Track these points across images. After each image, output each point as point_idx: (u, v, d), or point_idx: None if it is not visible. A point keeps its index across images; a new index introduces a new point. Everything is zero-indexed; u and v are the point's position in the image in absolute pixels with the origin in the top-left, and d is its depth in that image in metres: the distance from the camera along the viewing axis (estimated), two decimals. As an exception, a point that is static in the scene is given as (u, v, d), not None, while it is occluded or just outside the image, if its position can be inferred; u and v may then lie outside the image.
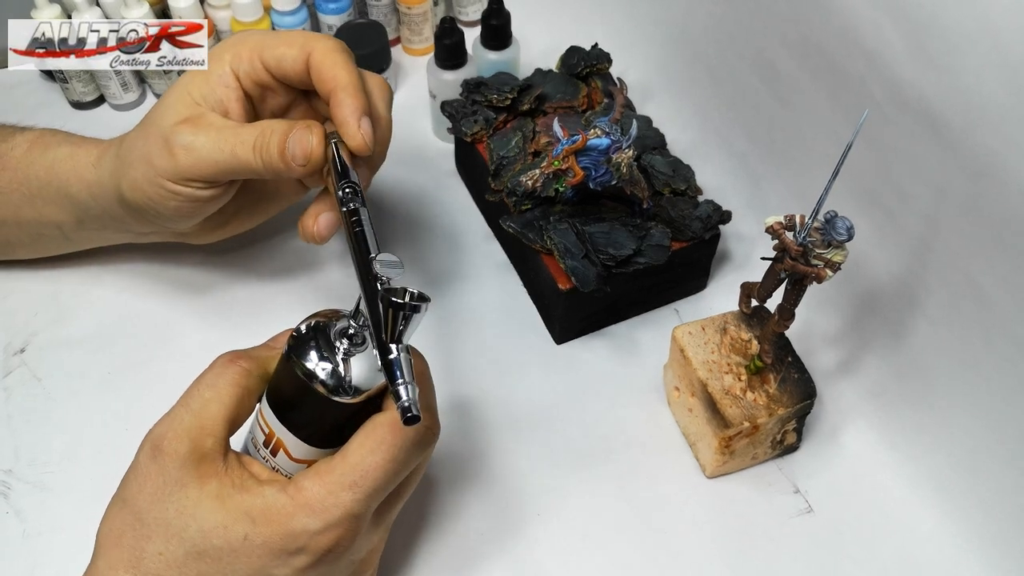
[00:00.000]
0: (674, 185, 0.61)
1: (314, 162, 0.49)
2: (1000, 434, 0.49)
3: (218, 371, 0.42)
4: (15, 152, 0.56)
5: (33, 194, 0.56)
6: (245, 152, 0.49)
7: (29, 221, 0.57)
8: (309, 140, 0.48)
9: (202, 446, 0.40)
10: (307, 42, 0.50)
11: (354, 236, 0.44)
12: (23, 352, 0.60)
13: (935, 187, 0.49)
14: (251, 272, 0.64)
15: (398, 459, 0.40)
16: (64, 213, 0.56)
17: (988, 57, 0.43)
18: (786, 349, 0.54)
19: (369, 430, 0.40)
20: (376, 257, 0.41)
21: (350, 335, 0.40)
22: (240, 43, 0.51)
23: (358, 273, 0.41)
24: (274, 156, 0.49)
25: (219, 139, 0.49)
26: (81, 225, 0.57)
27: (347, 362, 0.40)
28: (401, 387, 0.38)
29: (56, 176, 0.55)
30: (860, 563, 0.52)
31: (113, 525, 0.40)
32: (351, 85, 0.49)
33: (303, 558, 0.40)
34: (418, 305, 0.38)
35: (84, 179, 0.54)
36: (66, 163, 0.55)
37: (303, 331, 0.41)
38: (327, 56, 0.49)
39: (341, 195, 0.46)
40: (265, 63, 0.50)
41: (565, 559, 0.52)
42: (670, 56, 0.73)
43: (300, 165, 0.49)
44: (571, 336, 0.62)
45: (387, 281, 0.40)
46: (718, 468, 0.54)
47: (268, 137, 0.49)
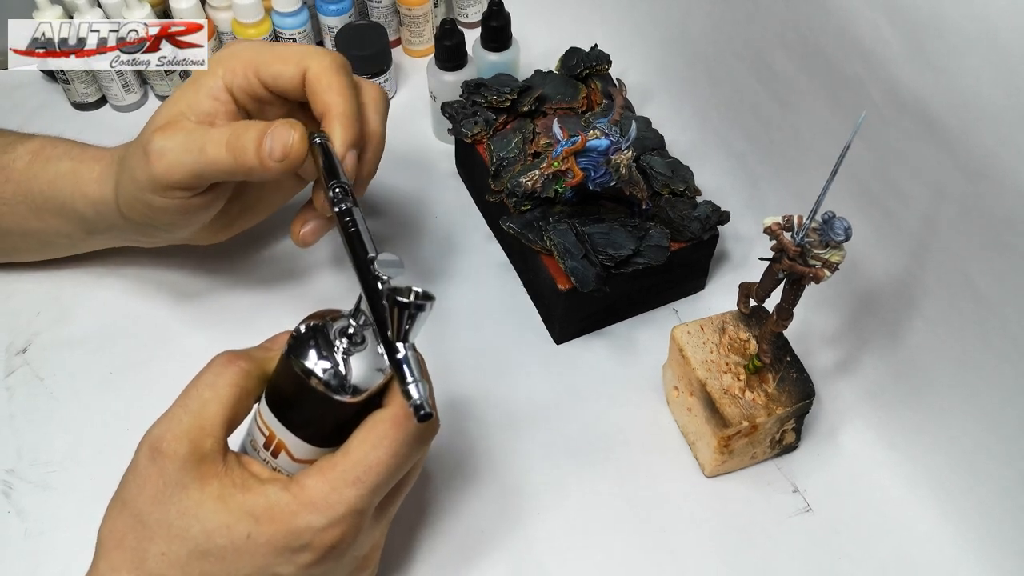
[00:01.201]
0: (673, 186, 0.61)
1: (292, 159, 0.47)
2: (998, 433, 0.49)
3: (217, 371, 0.42)
4: (17, 164, 0.56)
5: (39, 207, 0.56)
6: (216, 150, 0.47)
7: (36, 231, 0.57)
8: (289, 135, 0.47)
9: (202, 447, 0.40)
10: (303, 59, 0.49)
11: (349, 236, 0.44)
12: (25, 352, 0.60)
13: (933, 188, 0.49)
14: (251, 273, 0.64)
15: (400, 454, 0.40)
16: (71, 225, 0.56)
17: (986, 58, 0.43)
18: (784, 349, 0.54)
19: (370, 426, 0.41)
20: (377, 257, 0.41)
21: (349, 334, 0.40)
22: (234, 57, 0.50)
23: (357, 273, 0.41)
24: (248, 153, 0.47)
25: (188, 139, 0.48)
26: (89, 235, 0.57)
27: (347, 361, 0.40)
28: (411, 386, 0.38)
29: (59, 192, 0.55)
30: (858, 562, 0.52)
31: (114, 527, 0.40)
32: (342, 115, 0.48)
33: (307, 555, 0.40)
34: (423, 304, 0.39)
35: (88, 196, 0.54)
36: (68, 179, 0.54)
37: (303, 331, 0.41)
38: (322, 77, 0.48)
39: (332, 196, 0.46)
40: (261, 79, 0.50)
41: (564, 557, 0.52)
42: (669, 57, 0.73)
43: (277, 161, 0.47)
44: (571, 336, 0.62)
45: (388, 280, 0.40)
46: (717, 467, 0.54)
47: (242, 134, 0.47)
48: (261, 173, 0.48)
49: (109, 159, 0.54)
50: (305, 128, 0.48)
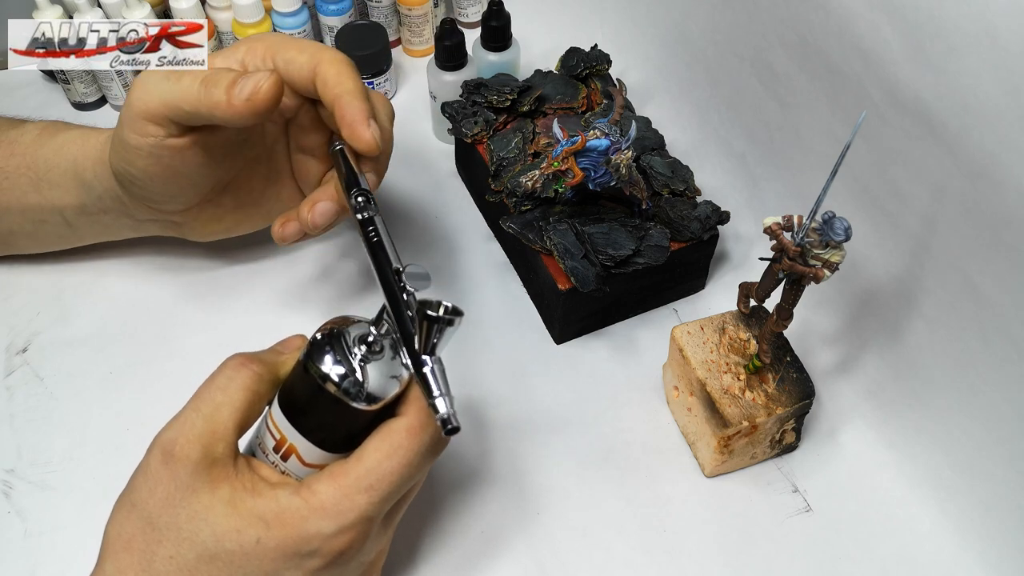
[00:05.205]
0: (673, 186, 0.61)
1: (258, 102, 0.46)
2: (998, 433, 0.49)
3: (229, 375, 0.41)
4: (25, 138, 0.57)
5: (40, 177, 0.56)
6: (191, 82, 0.47)
7: (33, 207, 0.57)
8: (263, 78, 0.47)
9: (213, 451, 0.40)
10: (317, 51, 0.50)
11: (373, 246, 0.44)
12: (25, 351, 0.60)
13: (933, 188, 0.49)
14: (254, 274, 0.64)
15: (413, 464, 0.41)
16: (68, 196, 0.56)
17: (985, 58, 0.43)
18: (784, 349, 0.54)
19: (385, 434, 0.41)
20: (405, 270, 0.41)
21: (369, 342, 0.40)
22: (258, 41, 0.52)
23: (381, 283, 0.42)
24: (219, 88, 0.47)
25: (169, 75, 0.49)
26: (83, 209, 0.57)
27: (364, 369, 0.40)
28: (438, 399, 0.39)
29: (65, 156, 0.56)
30: (858, 562, 0.52)
31: (122, 529, 0.40)
32: (358, 91, 0.49)
33: (315, 561, 0.40)
34: (453, 319, 0.39)
35: (91, 156, 0.55)
36: (76, 143, 0.56)
37: (321, 337, 0.41)
38: (334, 65, 0.49)
39: (354, 203, 0.46)
40: (276, 64, 0.51)
41: (564, 558, 0.52)
42: (669, 57, 0.73)
43: (243, 101, 0.46)
44: (571, 336, 0.62)
45: (413, 292, 0.40)
46: (717, 467, 0.54)
47: (221, 73, 0.48)
48: (227, 112, 0.47)
49: None
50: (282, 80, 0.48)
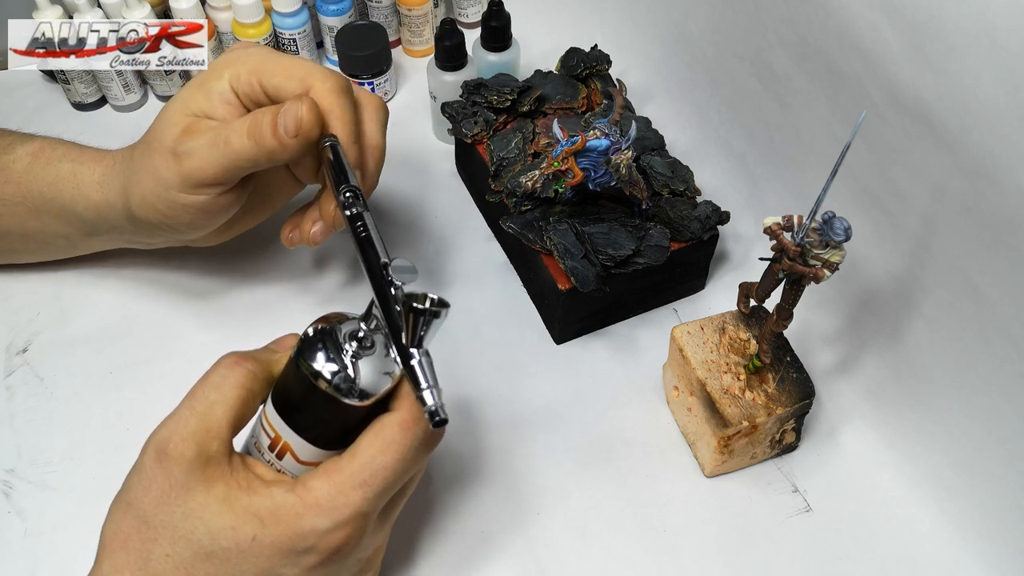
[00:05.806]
0: (673, 186, 0.61)
1: (305, 132, 0.48)
2: (998, 433, 0.49)
3: (223, 373, 0.42)
4: (17, 166, 0.56)
5: (38, 208, 0.56)
6: (240, 140, 0.48)
7: (35, 231, 0.57)
8: (299, 109, 0.48)
9: (208, 449, 0.40)
10: (306, 77, 0.50)
11: (361, 241, 0.44)
12: (26, 352, 0.60)
13: (933, 187, 0.49)
14: (253, 273, 0.64)
15: (407, 459, 0.41)
16: (70, 228, 0.57)
17: (985, 58, 0.43)
18: (784, 349, 0.54)
19: (378, 430, 0.41)
20: (391, 263, 0.41)
21: (359, 338, 0.40)
22: (239, 62, 0.51)
23: (370, 278, 0.42)
24: (267, 136, 0.48)
25: (214, 136, 0.49)
26: (88, 237, 0.58)
27: (356, 365, 0.40)
28: (426, 392, 0.38)
29: (59, 194, 0.55)
30: (859, 562, 0.52)
31: (118, 528, 0.40)
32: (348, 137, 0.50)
33: (312, 557, 0.40)
34: (439, 311, 0.39)
35: (89, 199, 0.54)
36: (69, 182, 0.55)
37: (312, 334, 0.41)
38: (323, 100, 0.49)
39: (342, 200, 0.46)
40: (264, 89, 0.51)
41: (564, 558, 0.52)
42: (669, 57, 0.73)
43: (292, 137, 0.48)
44: (571, 336, 0.62)
45: (401, 286, 0.40)
46: (717, 467, 0.54)
47: (260, 119, 0.48)
48: (281, 153, 0.49)
49: (110, 162, 0.54)
50: (314, 102, 0.49)
